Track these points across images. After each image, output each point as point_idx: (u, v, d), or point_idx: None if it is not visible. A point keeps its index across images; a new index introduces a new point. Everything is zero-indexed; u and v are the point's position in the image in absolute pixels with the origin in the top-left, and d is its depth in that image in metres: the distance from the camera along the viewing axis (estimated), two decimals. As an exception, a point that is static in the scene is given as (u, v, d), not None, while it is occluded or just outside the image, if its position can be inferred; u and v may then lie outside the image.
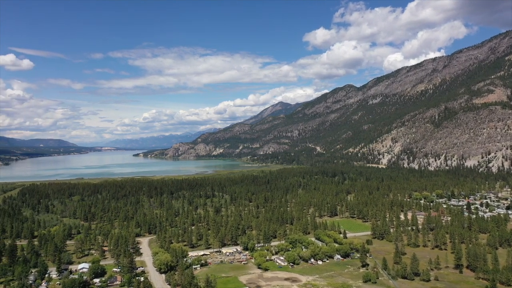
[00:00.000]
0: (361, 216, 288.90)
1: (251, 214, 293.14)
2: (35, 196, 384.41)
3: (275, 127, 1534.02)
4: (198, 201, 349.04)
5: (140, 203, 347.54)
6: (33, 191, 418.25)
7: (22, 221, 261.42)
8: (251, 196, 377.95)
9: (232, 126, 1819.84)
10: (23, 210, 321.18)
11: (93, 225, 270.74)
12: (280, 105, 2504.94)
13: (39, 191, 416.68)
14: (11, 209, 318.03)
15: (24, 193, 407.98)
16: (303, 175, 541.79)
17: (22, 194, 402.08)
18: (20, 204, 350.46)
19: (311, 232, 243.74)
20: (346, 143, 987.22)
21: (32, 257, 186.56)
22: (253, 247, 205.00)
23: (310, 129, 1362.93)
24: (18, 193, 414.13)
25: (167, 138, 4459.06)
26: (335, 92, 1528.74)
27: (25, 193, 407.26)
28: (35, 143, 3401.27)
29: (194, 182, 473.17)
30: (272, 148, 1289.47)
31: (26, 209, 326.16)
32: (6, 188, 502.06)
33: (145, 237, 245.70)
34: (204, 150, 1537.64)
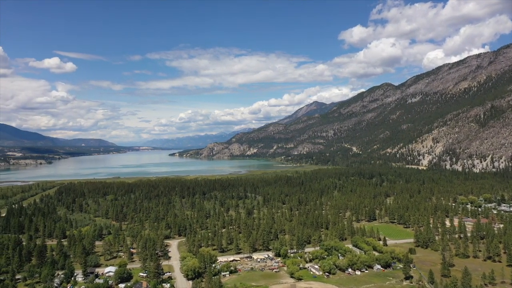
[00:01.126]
0: (402, 221, 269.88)
1: (284, 217, 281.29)
2: (70, 195, 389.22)
3: (309, 127, 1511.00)
4: (230, 203, 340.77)
5: (172, 203, 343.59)
6: (69, 190, 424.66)
7: (55, 221, 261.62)
8: (285, 197, 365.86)
9: (266, 126, 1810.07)
10: (58, 209, 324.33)
11: (124, 226, 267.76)
12: (315, 104, 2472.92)
13: (75, 190, 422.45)
14: (46, 207, 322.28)
15: (61, 192, 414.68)
16: (338, 176, 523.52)
17: (59, 193, 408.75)
18: (56, 203, 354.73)
19: (348, 238, 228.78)
20: (383, 143, 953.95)
21: (60, 258, 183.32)
22: (286, 253, 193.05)
23: (346, 129, 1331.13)
24: (55, 192, 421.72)
25: (202, 138, 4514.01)
26: (372, 90, 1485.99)
27: (62, 192, 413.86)
28: (77, 143, 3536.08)
29: (226, 182, 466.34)
30: (306, 148, 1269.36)
31: (61, 208, 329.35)
32: (45, 187, 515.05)
33: (175, 239, 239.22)
34: (238, 150, 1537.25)
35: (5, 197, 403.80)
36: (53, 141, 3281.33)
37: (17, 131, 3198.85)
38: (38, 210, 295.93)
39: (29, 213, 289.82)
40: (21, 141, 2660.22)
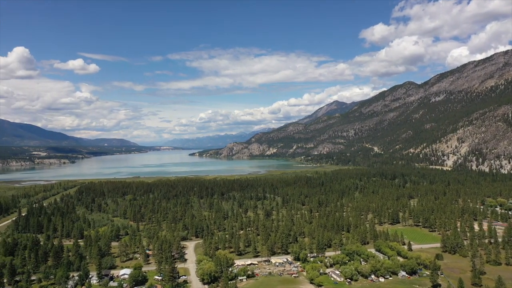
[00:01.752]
0: (427, 225, 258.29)
1: (304, 219, 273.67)
2: (90, 195, 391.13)
3: (330, 127, 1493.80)
4: (249, 203, 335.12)
5: (190, 204, 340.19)
6: (89, 189, 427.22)
7: (73, 220, 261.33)
8: (304, 199, 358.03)
9: (286, 126, 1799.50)
10: (77, 209, 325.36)
11: (141, 226, 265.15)
12: (336, 104, 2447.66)
13: (95, 189, 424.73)
14: (66, 207, 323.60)
15: (81, 191, 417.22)
16: (360, 177, 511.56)
17: (79, 192, 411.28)
18: (75, 202, 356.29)
19: (370, 242, 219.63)
20: (406, 143, 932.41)
21: (76, 259, 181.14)
22: (305, 257, 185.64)
23: (367, 129, 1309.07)
24: (75, 191, 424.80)
25: (222, 138, 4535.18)
26: (394, 89, 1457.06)
27: (82, 191, 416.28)
28: (100, 143, 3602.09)
29: (245, 182, 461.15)
30: (326, 148, 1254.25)
31: (80, 208, 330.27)
32: (66, 186, 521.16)
33: (192, 241, 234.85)
34: (257, 150, 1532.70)
35: (27, 196, 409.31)
36: (77, 141, 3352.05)
37: (42, 131, 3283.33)
38: (57, 209, 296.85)
39: (49, 213, 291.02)
40: (47, 141, 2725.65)
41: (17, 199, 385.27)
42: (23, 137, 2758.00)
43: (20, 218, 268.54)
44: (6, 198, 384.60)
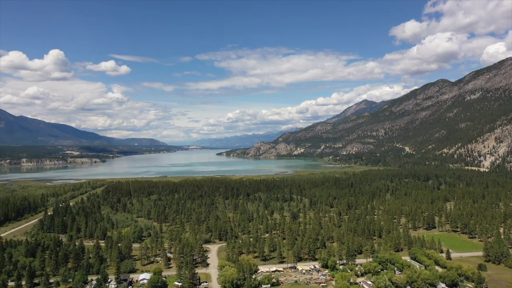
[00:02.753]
0: (466, 230, 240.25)
1: (332, 222, 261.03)
2: (116, 194, 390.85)
3: (359, 126, 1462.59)
4: (275, 205, 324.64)
5: (215, 204, 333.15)
6: (116, 188, 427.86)
7: (97, 221, 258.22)
8: (333, 200, 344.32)
9: (313, 126, 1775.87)
10: (102, 209, 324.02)
11: (164, 227, 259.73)
12: (365, 103, 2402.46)
13: (122, 189, 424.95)
14: (91, 206, 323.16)
15: (108, 191, 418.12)
16: (391, 178, 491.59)
17: (106, 192, 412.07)
18: (101, 201, 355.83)
19: (405, 249, 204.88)
20: (439, 143, 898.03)
21: (96, 262, 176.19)
22: (334, 265, 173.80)
23: (398, 128, 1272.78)
24: (102, 191, 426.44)
25: (249, 138, 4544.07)
26: (426, 88, 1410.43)
27: (109, 191, 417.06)
28: (130, 142, 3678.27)
29: (272, 183, 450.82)
30: (355, 148, 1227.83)
31: (105, 207, 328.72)
32: (95, 185, 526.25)
33: (215, 244, 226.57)
34: (285, 150, 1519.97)
35: (56, 194, 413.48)
36: (108, 140, 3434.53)
37: (76, 131, 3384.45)
38: (82, 209, 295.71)
39: (74, 212, 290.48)
40: (80, 141, 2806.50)
41: (46, 198, 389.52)
42: (57, 137, 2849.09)
43: (45, 217, 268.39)
44: (35, 196, 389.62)
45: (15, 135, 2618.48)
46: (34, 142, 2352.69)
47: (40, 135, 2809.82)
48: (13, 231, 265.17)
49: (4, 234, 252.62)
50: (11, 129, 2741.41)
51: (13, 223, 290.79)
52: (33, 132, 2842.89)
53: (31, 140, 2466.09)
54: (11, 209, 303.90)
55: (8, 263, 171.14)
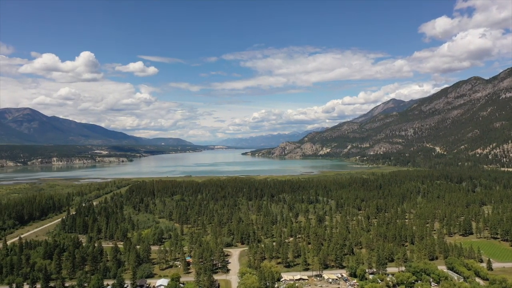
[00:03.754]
0: (508, 237, 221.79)
1: (360, 226, 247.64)
2: (140, 194, 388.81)
3: (387, 126, 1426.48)
4: (300, 207, 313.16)
5: (238, 206, 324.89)
6: (140, 188, 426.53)
7: (117, 221, 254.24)
8: (360, 203, 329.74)
9: (340, 125, 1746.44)
10: (125, 209, 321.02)
11: (186, 229, 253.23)
12: (393, 102, 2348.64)
13: (145, 188, 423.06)
14: (114, 206, 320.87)
15: (131, 190, 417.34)
16: (421, 179, 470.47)
17: (129, 191, 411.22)
18: (124, 201, 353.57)
19: (440, 257, 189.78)
20: (472, 143, 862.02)
21: (113, 266, 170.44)
22: (363, 274, 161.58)
23: (428, 128, 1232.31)
24: (126, 190, 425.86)
25: (275, 137, 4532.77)
26: (458, 86, 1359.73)
27: (133, 190, 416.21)
28: (158, 142, 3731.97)
29: (297, 184, 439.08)
30: (383, 148, 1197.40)
31: (128, 208, 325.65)
32: (120, 184, 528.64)
33: (237, 247, 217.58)
34: (310, 150, 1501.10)
35: (81, 194, 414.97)
36: (136, 140, 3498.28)
37: (105, 131, 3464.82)
38: (104, 209, 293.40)
39: (96, 212, 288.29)
40: (108, 140, 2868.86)
41: (71, 197, 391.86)
42: (88, 137, 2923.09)
43: (68, 217, 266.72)
44: (61, 196, 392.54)
45: (48, 135, 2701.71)
46: (65, 141, 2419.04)
47: (71, 135, 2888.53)
48: (36, 230, 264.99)
49: (27, 234, 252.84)
50: (44, 129, 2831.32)
51: (37, 222, 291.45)
52: (65, 132, 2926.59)
53: (62, 139, 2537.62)
54: (35, 208, 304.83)
55: (25, 265, 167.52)
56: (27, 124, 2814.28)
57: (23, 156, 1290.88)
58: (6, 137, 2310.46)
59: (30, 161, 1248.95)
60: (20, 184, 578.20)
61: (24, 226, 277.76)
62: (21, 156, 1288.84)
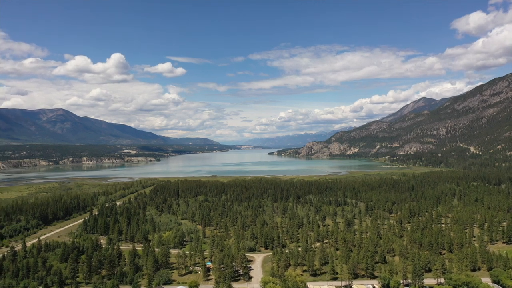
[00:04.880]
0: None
1: (392, 231, 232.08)
2: (164, 194, 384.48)
3: (417, 125, 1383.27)
4: (327, 209, 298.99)
5: (262, 207, 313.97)
6: (164, 188, 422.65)
7: (138, 223, 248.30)
8: (392, 206, 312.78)
9: (368, 124, 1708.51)
10: (148, 209, 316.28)
11: (208, 231, 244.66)
12: (423, 101, 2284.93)
13: (169, 188, 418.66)
14: (137, 207, 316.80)
15: (156, 190, 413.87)
16: (456, 181, 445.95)
17: (154, 191, 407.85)
18: (148, 202, 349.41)
19: (483, 267, 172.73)
20: (510, 142, 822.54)
21: (130, 270, 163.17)
22: (398, 286, 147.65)
23: (461, 127, 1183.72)
24: (151, 190, 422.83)
25: (302, 137, 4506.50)
26: (494, 83, 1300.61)
27: (157, 190, 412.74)
28: (185, 142, 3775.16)
29: (324, 185, 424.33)
30: (414, 147, 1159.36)
31: (151, 208, 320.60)
32: (145, 184, 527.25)
33: (261, 252, 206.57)
34: (338, 150, 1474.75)
35: (106, 193, 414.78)
36: (164, 140, 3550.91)
37: (135, 131, 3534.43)
38: (126, 209, 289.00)
39: (119, 213, 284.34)
40: (138, 140, 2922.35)
41: (96, 196, 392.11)
42: (118, 137, 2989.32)
43: (90, 218, 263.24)
44: (87, 195, 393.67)
45: (79, 135, 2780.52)
46: (96, 141, 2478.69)
47: (102, 134, 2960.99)
48: (59, 230, 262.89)
49: (50, 234, 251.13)
50: (76, 129, 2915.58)
51: (61, 222, 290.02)
52: (96, 132, 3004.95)
53: (93, 139, 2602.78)
54: (60, 208, 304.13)
55: (41, 269, 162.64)
56: (60, 125, 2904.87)
57: (55, 155, 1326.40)
58: (40, 137, 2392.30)
59: (62, 160, 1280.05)
60: (49, 183, 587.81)
61: (48, 226, 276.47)
62: (53, 155, 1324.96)
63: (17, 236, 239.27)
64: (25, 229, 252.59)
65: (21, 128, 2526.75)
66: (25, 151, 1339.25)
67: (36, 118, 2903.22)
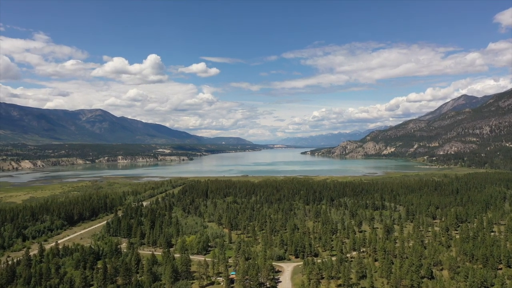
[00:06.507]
0: None
1: (438, 239, 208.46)
2: (192, 194, 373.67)
3: (458, 123, 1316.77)
4: (363, 214, 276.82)
5: (293, 211, 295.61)
6: (193, 188, 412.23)
7: (162, 226, 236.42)
8: (435, 210, 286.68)
9: (405, 123, 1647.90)
10: (174, 210, 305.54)
11: (235, 236, 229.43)
12: (463, 98, 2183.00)
13: (198, 188, 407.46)
14: (164, 207, 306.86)
15: (185, 190, 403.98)
16: (505, 183, 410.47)
17: (182, 192, 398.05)
18: (175, 202, 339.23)
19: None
20: None
21: (147, 280, 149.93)
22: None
23: (507, 125, 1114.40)
24: (179, 190, 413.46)
25: (335, 136, 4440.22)
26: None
27: (186, 190, 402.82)
28: (218, 141, 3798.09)
29: (359, 186, 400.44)
30: (454, 147, 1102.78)
31: (177, 209, 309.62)
32: (175, 183, 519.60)
33: (290, 262, 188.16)
34: (373, 149, 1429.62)
35: (135, 193, 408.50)
36: (198, 139, 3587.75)
37: (169, 130, 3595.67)
38: (151, 211, 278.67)
39: (144, 214, 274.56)
40: (172, 139, 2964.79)
41: (125, 196, 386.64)
42: (153, 136, 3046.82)
43: (114, 219, 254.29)
44: (115, 194, 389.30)
45: (116, 134, 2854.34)
46: (132, 141, 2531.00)
47: (138, 134, 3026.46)
48: (82, 232, 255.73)
49: (73, 236, 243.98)
50: (113, 128, 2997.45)
51: (87, 223, 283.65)
52: (132, 132, 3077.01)
53: (130, 139, 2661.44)
54: (86, 207, 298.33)
55: (54, 275, 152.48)
56: (98, 124, 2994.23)
57: (92, 154, 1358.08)
58: (80, 137, 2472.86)
59: (98, 159, 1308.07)
60: (83, 182, 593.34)
61: (73, 227, 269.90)
62: (90, 154, 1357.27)
63: (40, 237, 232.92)
64: (49, 230, 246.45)
65: (62, 128, 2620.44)
66: (64, 150, 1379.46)
67: (76, 119, 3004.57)
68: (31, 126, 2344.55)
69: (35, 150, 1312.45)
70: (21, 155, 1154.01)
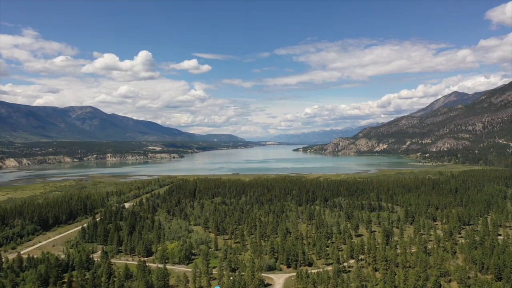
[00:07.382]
0: None
1: (442, 245, 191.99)
2: (179, 195, 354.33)
3: (450, 120, 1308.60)
4: (360, 215, 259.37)
5: (285, 212, 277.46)
6: (180, 188, 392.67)
7: (141, 231, 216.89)
8: (435, 211, 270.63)
9: (397, 120, 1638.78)
10: (158, 213, 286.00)
11: (222, 241, 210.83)
12: (455, 95, 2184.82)
13: (185, 188, 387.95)
14: (146, 210, 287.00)
15: (171, 190, 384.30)
16: (504, 181, 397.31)
17: (169, 192, 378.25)
18: (160, 204, 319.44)
19: None
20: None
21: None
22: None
23: (500, 121, 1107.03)
24: (165, 190, 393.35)
25: (327, 133, 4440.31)
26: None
27: (172, 190, 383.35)
28: (210, 138, 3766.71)
29: (354, 185, 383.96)
30: (447, 144, 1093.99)
31: (161, 211, 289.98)
32: (163, 183, 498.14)
33: (282, 272, 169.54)
34: (365, 146, 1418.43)
35: (120, 193, 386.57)
36: (190, 136, 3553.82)
37: (161, 127, 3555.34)
38: (131, 214, 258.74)
39: (124, 217, 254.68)
40: (163, 137, 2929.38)
41: (108, 197, 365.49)
42: (144, 133, 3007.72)
43: (90, 223, 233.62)
44: (98, 195, 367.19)
45: (107, 131, 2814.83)
46: (123, 138, 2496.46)
47: (129, 131, 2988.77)
48: (57, 238, 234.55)
49: (45, 242, 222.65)
50: (104, 126, 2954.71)
51: (63, 227, 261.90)
52: (123, 129, 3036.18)
53: (120, 136, 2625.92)
54: (62, 210, 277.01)
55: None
56: (89, 122, 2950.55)
57: (80, 152, 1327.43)
58: (70, 134, 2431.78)
59: (86, 157, 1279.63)
60: (67, 181, 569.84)
61: (47, 232, 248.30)
62: (78, 152, 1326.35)
63: (8, 245, 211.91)
64: (18, 236, 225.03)
65: (52, 126, 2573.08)
66: (51, 147, 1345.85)
67: (66, 116, 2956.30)
68: (20, 123, 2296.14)
69: (22, 148, 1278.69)
70: (7, 153, 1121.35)
